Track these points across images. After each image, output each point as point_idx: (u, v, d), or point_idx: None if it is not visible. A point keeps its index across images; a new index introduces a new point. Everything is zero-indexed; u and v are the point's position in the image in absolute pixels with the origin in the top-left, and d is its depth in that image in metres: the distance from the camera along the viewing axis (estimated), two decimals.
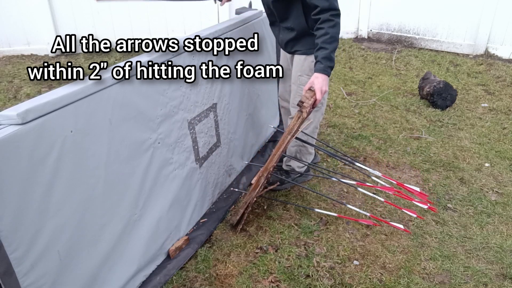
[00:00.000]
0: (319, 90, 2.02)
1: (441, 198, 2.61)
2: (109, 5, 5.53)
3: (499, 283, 2.00)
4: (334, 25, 2.00)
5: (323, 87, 2.04)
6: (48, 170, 1.36)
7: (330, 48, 2.00)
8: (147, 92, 1.79)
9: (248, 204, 2.21)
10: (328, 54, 2.01)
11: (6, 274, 1.26)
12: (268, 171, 2.08)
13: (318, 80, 2.03)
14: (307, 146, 2.56)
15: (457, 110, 3.82)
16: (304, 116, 1.92)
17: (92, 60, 5.22)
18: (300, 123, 1.98)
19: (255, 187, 2.16)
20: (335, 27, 2.00)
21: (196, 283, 2.00)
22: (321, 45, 2.01)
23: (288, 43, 2.35)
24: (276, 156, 2.06)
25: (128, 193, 1.76)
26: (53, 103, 1.35)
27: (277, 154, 2.05)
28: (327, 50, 2.00)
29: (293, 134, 2.04)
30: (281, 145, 2.03)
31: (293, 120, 1.96)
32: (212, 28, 2.31)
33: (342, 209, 2.50)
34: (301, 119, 1.93)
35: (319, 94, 2.01)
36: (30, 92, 4.23)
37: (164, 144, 1.95)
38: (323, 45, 2.01)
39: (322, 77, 2.04)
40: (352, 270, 2.08)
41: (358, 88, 4.37)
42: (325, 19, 1.99)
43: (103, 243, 1.65)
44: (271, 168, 2.08)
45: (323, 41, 2.00)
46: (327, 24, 1.99)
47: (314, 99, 1.99)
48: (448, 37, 5.44)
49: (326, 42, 2.00)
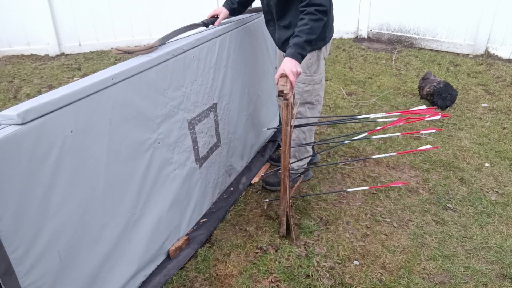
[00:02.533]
0: (290, 72, 1.99)
1: (441, 198, 2.61)
2: (109, 5, 5.53)
3: (499, 283, 2.00)
4: (316, 20, 2.00)
5: (293, 68, 2.00)
6: (48, 170, 1.36)
7: (304, 38, 2.00)
8: (147, 92, 1.79)
9: (287, 210, 2.18)
10: (301, 42, 2.01)
11: (6, 274, 1.26)
12: (287, 169, 2.07)
13: (286, 64, 2.01)
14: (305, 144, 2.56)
15: (457, 110, 3.82)
16: (291, 101, 1.91)
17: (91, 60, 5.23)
18: (291, 110, 1.97)
19: (284, 190, 2.14)
20: (317, 21, 2.00)
21: (196, 283, 2.00)
22: (297, 33, 2.02)
23: (285, 42, 2.32)
24: (287, 152, 2.04)
25: (128, 193, 1.76)
26: (53, 103, 1.35)
27: (286, 150, 2.04)
28: (302, 38, 2.01)
29: (290, 123, 2.02)
30: (285, 140, 2.02)
31: (284, 111, 1.94)
32: (211, 29, 2.31)
33: (342, 209, 2.50)
34: (290, 106, 1.92)
35: (291, 76, 1.99)
36: (30, 92, 4.23)
37: (164, 144, 1.95)
38: (299, 33, 2.02)
39: (291, 60, 2.01)
40: (352, 270, 2.08)
41: (358, 88, 4.38)
42: (309, 12, 2.00)
43: (103, 243, 1.65)
44: (288, 164, 2.07)
45: (300, 30, 2.01)
46: (309, 16, 2.00)
47: (290, 83, 1.98)
48: (448, 37, 5.44)
49: (302, 32, 2.01)
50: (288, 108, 1.90)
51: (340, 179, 2.81)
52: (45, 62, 5.21)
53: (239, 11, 2.54)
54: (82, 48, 5.61)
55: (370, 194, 2.65)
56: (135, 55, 1.83)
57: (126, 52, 1.80)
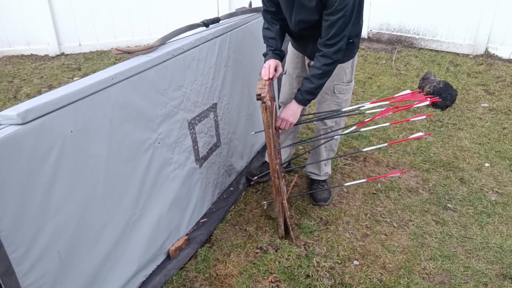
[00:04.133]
0: (285, 120, 2.11)
1: (441, 198, 2.61)
2: (109, 5, 5.53)
3: (499, 283, 2.00)
4: (330, 64, 2.00)
5: (290, 119, 2.11)
6: (48, 170, 1.36)
7: (316, 84, 2.05)
8: (147, 92, 1.79)
9: (282, 211, 2.17)
10: (312, 89, 2.07)
11: (6, 274, 1.26)
12: (276, 171, 2.07)
13: (289, 111, 2.11)
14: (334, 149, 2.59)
15: (457, 110, 3.82)
16: (268, 104, 1.91)
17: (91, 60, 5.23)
18: (271, 113, 1.96)
19: (276, 192, 2.13)
20: (330, 65, 2.01)
21: (196, 283, 2.00)
22: (310, 78, 2.05)
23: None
24: (273, 154, 2.04)
25: (128, 193, 1.76)
26: (53, 103, 1.35)
27: (272, 152, 2.03)
28: (313, 85, 2.06)
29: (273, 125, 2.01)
30: (270, 143, 2.01)
31: (263, 114, 1.93)
32: (211, 29, 2.31)
33: (342, 209, 2.50)
34: (269, 109, 1.92)
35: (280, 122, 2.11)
36: (30, 92, 4.23)
37: (164, 144, 1.95)
38: (311, 78, 2.05)
39: (295, 107, 2.12)
40: (352, 270, 2.08)
41: (358, 88, 4.37)
42: (325, 54, 1.99)
43: (103, 243, 1.65)
44: (277, 166, 2.07)
45: (313, 75, 2.04)
46: (324, 61, 2.00)
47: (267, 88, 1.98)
48: (448, 37, 5.44)
49: (314, 77, 2.04)
50: (267, 111, 1.90)
51: (340, 179, 2.81)
52: (45, 62, 5.21)
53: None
54: (82, 48, 5.60)
55: (370, 194, 2.65)
56: (135, 55, 1.83)
57: (126, 52, 1.80)
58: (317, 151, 2.53)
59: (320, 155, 2.54)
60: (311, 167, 2.62)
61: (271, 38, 2.18)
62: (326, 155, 2.55)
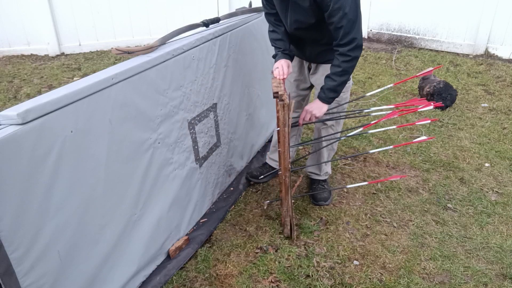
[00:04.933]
0: (310, 112, 2.11)
1: (441, 198, 2.61)
2: (109, 5, 5.53)
3: (499, 283, 2.00)
4: (349, 61, 2.00)
5: (315, 111, 2.11)
6: (48, 170, 1.36)
7: (338, 81, 2.05)
8: (147, 92, 1.79)
9: (289, 210, 2.17)
10: (334, 87, 2.07)
11: (6, 274, 1.26)
12: (287, 169, 2.06)
13: (314, 105, 2.11)
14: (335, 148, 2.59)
15: (457, 110, 3.82)
16: (287, 102, 1.91)
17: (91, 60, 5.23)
18: (288, 111, 1.96)
19: (285, 192, 2.13)
20: (349, 62, 2.01)
21: (196, 283, 2.00)
22: (331, 76, 2.06)
23: (320, 55, 2.24)
24: (286, 153, 2.04)
25: (128, 193, 1.76)
26: (53, 103, 1.35)
27: (286, 151, 2.03)
28: (335, 82, 2.06)
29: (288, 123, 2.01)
30: (284, 141, 2.01)
31: (280, 112, 1.93)
32: (211, 29, 2.31)
33: (342, 209, 2.50)
34: (287, 107, 1.92)
35: (305, 113, 2.12)
36: (30, 92, 4.23)
37: (164, 144, 1.95)
38: (333, 76, 2.05)
39: (320, 104, 2.12)
40: (352, 270, 2.08)
41: (358, 88, 4.38)
42: (342, 53, 1.98)
43: (103, 243, 1.65)
44: (288, 165, 2.07)
45: (334, 73, 2.04)
46: (342, 58, 2.00)
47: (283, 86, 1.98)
48: (448, 37, 5.44)
49: (336, 75, 2.04)
50: (285, 109, 1.90)
51: (340, 179, 2.81)
52: (45, 62, 5.21)
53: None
54: (82, 48, 5.61)
55: (370, 194, 2.65)
56: (135, 55, 1.83)
57: (126, 52, 1.80)
58: (318, 150, 2.52)
59: (321, 155, 2.53)
60: (312, 167, 2.62)
61: (278, 39, 2.18)
62: (327, 155, 2.55)
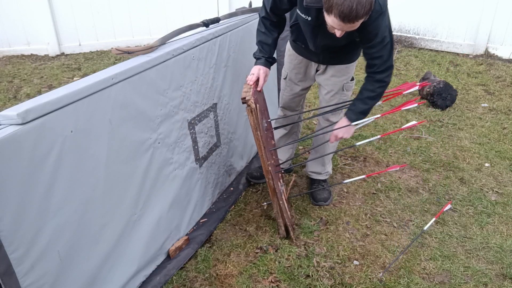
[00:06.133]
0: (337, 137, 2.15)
1: (441, 198, 2.61)
2: (109, 5, 5.53)
3: (499, 283, 2.00)
4: (385, 85, 2.04)
5: (345, 135, 2.16)
6: (48, 170, 1.36)
7: (370, 105, 2.09)
8: (147, 92, 1.79)
9: (281, 211, 2.16)
10: (366, 110, 2.10)
11: (6, 274, 1.26)
12: (269, 172, 2.07)
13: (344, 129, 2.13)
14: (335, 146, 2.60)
15: (457, 110, 3.82)
16: (253, 107, 1.90)
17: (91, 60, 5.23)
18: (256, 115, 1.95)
19: (272, 193, 2.12)
20: (385, 87, 2.05)
21: (196, 283, 2.00)
22: (364, 99, 2.08)
23: (333, 59, 2.24)
24: (264, 156, 2.02)
25: (128, 193, 1.76)
26: (53, 103, 1.35)
27: (264, 154, 2.02)
28: (367, 106, 2.09)
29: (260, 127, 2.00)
30: (259, 145, 2.00)
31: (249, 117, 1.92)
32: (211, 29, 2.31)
33: (342, 209, 2.50)
34: (254, 112, 1.91)
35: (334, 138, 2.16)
36: (30, 92, 4.23)
37: (164, 144, 1.95)
38: (367, 100, 2.07)
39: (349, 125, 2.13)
40: (352, 270, 2.08)
41: (358, 88, 4.37)
42: (379, 79, 2.01)
43: (103, 243, 1.65)
44: (269, 167, 2.07)
45: (368, 97, 2.07)
46: (378, 84, 2.02)
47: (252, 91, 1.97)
48: (448, 37, 5.44)
49: (370, 98, 2.07)
50: (253, 113, 1.90)
51: (340, 179, 2.80)
52: (45, 62, 5.21)
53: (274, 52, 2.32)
54: (82, 48, 5.60)
55: (370, 194, 2.65)
56: (135, 55, 1.83)
57: (126, 52, 1.80)
58: (322, 148, 2.51)
59: (325, 152, 2.50)
60: (313, 167, 2.62)
61: (266, 44, 2.13)
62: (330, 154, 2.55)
